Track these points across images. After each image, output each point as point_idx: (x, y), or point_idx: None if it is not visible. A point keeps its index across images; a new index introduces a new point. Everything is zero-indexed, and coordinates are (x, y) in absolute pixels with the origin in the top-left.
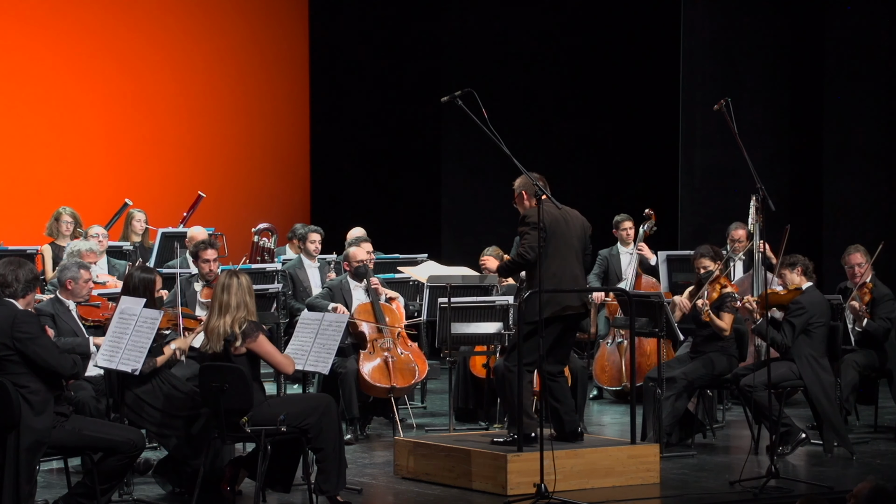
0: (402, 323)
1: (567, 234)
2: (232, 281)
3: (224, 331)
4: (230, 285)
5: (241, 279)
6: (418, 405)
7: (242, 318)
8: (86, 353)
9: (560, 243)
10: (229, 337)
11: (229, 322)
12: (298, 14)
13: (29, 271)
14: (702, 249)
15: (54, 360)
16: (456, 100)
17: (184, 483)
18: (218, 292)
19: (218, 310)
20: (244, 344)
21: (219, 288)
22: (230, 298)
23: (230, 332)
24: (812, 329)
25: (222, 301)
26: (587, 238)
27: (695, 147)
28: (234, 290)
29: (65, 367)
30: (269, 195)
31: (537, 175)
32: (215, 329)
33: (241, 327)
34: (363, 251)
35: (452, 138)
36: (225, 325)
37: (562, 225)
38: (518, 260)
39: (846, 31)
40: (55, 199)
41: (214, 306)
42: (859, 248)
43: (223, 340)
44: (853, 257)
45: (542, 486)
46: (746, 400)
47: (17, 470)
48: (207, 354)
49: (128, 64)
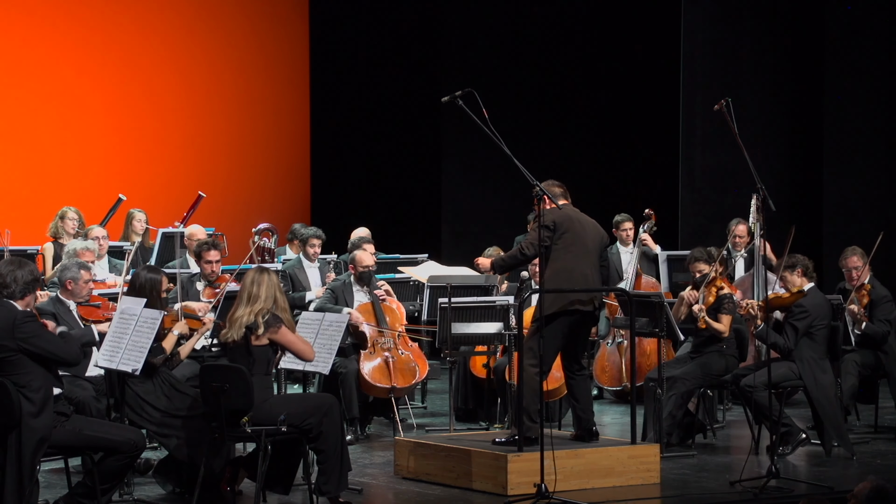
0: (403, 323)
1: (583, 236)
2: (263, 276)
3: (248, 319)
4: (261, 280)
5: (272, 275)
6: (418, 405)
7: (268, 310)
8: (91, 341)
9: (576, 241)
10: (251, 325)
11: (256, 310)
12: (299, 14)
13: (28, 272)
14: (695, 253)
15: (61, 351)
16: (456, 100)
17: (184, 483)
18: (248, 284)
19: (246, 300)
20: (266, 334)
21: (248, 280)
22: (260, 290)
23: (253, 321)
24: (814, 332)
25: (251, 292)
26: (604, 247)
27: (695, 147)
28: (265, 284)
29: (71, 353)
30: (269, 195)
31: (557, 182)
32: (239, 318)
33: (265, 318)
34: (370, 256)
35: (452, 138)
36: (251, 313)
37: (577, 226)
38: (517, 255)
39: (846, 31)
40: (55, 199)
41: (243, 296)
42: (856, 251)
43: (244, 329)
44: (850, 260)
45: (543, 486)
46: (747, 400)
47: (18, 470)
48: (228, 344)
49: (128, 64)
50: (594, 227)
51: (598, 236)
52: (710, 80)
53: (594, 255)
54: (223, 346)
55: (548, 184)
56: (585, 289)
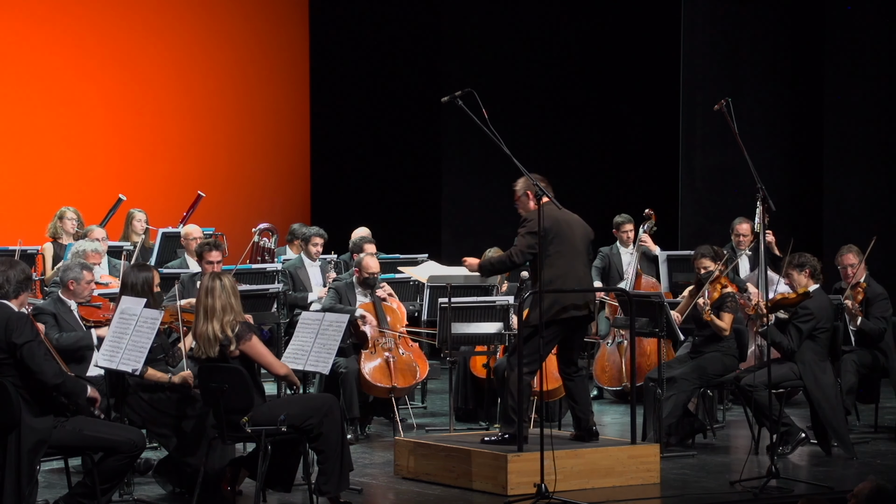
0: (404, 323)
1: (571, 237)
2: (215, 283)
3: (215, 335)
4: (213, 288)
5: (223, 281)
6: (419, 405)
7: (232, 321)
8: (89, 345)
9: (565, 246)
10: (224, 341)
11: (218, 327)
12: (299, 14)
13: (20, 271)
14: (702, 250)
15: (36, 366)
16: (456, 100)
17: (184, 483)
18: (202, 296)
19: (203, 314)
20: (238, 346)
21: (202, 292)
22: (214, 302)
23: (223, 336)
24: (817, 334)
25: (207, 305)
26: (589, 244)
27: (695, 147)
28: (217, 293)
29: (47, 373)
30: (269, 195)
31: (539, 176)
32: (204, 334)
33: (234, 330)
34: (376, 263)
35: (452, 138)
36: (214, 329)
37: (564, 227)
38: (506, 262)
39: (846, 31)
40: (55, 199)
41: (199, 310)
42: (852, 249)
43: (218, 345)
44: (846, 258)
45: (543, 486)
46: (747, 400)
47: (18, 470)
48: (202, 359)
49: (128, 64)
50: (579, 225)
51: (585, 233)
52: (710, 80)
53: (584, 253)
54: (198, 363)
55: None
56: (585, 289)
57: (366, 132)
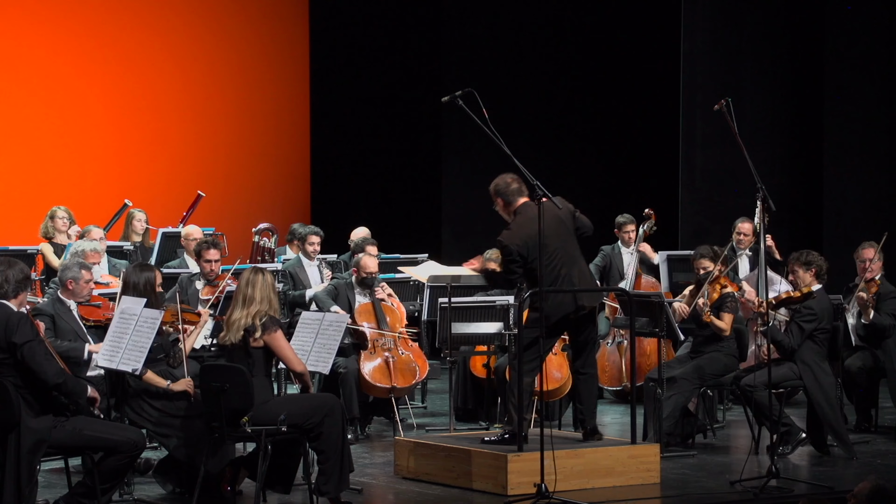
0: (404, 323)
1: (552, 239)
2: (258, 277)
3: (245, 322)
4: (255, 281)
5: (266, 276)
6: (418, 405)
7: (264, 312)
8: (77, 359)
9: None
10: (249, 328)
11: (252, 313)
12: (299, 14)
13: (19, 271)
14: (701, 250)
15: (37, 365)
16: (456, 100)
17: (184, 483)
18: (242, 286)
19: (242, 302)
20: (262, 336)
21: (243, 282)
22: (255, 292)
23: (251, 324)
24: (818, 335)
25: (246, 294)
26: (572, 222)
27: (695, 147)
28: (259, 285)
29: (48, 373)
30: (269, 195)
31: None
32: (236, 321)
33: (262, 320)
34: (375, 263)
35: (452, 138)
36: (247, 316)
37: (544, 234)
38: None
39: (846, 31)
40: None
41: (238, 299)
42: (872, 244)
43: (243, 331)
44: (865, 252)
45: (543, 486)
46: (747, 400)
47: (17, 470)
48: (226, 346)
49: (128, 64)
50: (555, 218)
51: (564, 224)
52: (710, 80)
53: (572, 247)
54: (222, 349)
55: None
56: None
57: (366, 132)
